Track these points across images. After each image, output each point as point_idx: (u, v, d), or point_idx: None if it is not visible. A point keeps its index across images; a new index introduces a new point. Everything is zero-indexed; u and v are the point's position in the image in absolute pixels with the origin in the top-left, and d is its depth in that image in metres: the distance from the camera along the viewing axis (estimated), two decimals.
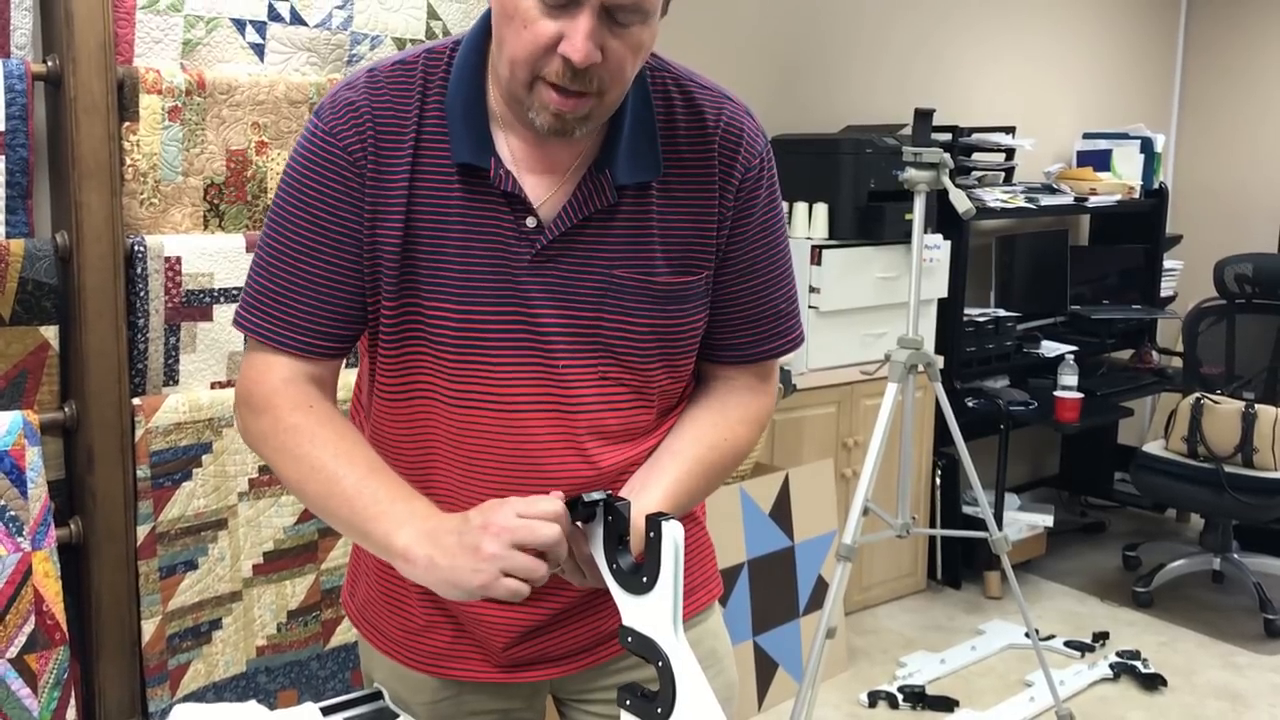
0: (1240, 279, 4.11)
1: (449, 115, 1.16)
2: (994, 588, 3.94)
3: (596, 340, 1.19)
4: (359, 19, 2.27)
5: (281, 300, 1.18)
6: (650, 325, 1.20)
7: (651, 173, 1.17)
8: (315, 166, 1.17)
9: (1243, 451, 3.73)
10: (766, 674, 3.12)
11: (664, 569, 1.03)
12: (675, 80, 1.22)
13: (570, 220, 1.16)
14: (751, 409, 1.31)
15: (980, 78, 4.43)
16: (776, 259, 1.27)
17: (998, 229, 4.38)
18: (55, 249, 1.98)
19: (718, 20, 3.57)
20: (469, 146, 1.14)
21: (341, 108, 1.16)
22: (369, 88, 1.17)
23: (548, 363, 1.18)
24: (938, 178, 2.75)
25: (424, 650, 1.33)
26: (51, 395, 2.02)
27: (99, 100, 1.96)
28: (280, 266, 1.18)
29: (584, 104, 1.08)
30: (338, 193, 1.16)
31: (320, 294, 1.18)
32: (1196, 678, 3.41)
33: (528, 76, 1.07)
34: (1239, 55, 5.08)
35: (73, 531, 2.03)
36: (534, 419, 1.19)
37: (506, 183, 1.14)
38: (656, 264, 1.19)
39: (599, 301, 1.18)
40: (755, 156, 1.23)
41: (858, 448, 3.51)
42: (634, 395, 1.23)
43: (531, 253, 1.16)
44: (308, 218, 1.17)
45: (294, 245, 1.17)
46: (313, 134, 1.18)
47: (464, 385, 1.18)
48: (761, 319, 1.28)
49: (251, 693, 2.22)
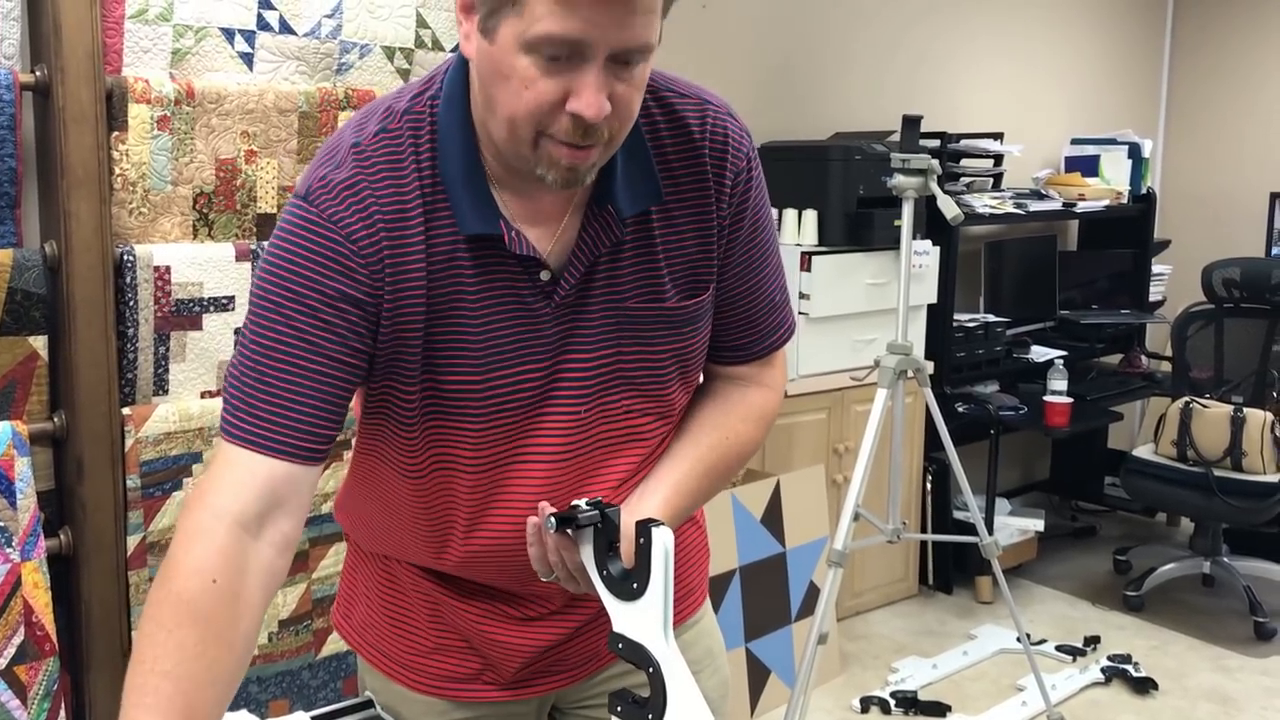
0: (1228, 283, 4.13)
1: (448, 185, 1.07)
2: (985, 592, 3.95)
3: (619, 375, 1.16)
4: (348, 28, 2.28)
5: (272, 398, 1.05)
6: (667, 350, 1.17)
7: (654, 199, 1.13)
8: (312, 257, 1.04)
9: (1232, 455, 3.75)
10: (759, 680, 3.12)
11: (654, 575, 1.03)
12: (653, 95, 1.14)
13: (583, 265, 1.11)
14: (755, 405, 1.28)
15: (969, 84, 4.45)
16: (769, 255, 1.25)
17: (987, 235, 4.39)
18: (44, 259, 1.98)
19: (707, 28, 3.58)
20: (477, 216, 1.07)
21: (339, 191, 1.05)
22: (360, 166, 1.06)
23: (572, 410, 1.15)
24: (926, 184, 2.76)
25: (432, 673, 1.31)
26: (41, 405, 2.02)
27: (88, 110, 1.96)
28: (269, 364, 1.05)
29: (595, 153, 1.02)
30: (340, 285, 1.04)
31: (312, 389, 1.05)
32: (1187, 681, 3.42)
33: (532, 136, 1.00)
34: (1225, 60, 5.11)
35: (62, 542, 2.02)
36: (552, 467, 1.16)
37: (520, 245, 1.08)
38: (665, 290, 1.15)
39: (616, 336, 1.14)
40: (742, 158, 1.19)
41: (849, 453, 3.52)
42: (656, 420, 1.21)
43: (550, 306, 1.11)
44: (304, 311, 1.04)
45: (285, 341, 1.04)
46: (305, 221, 1.05)
47: (488, 449, 1.14)
48: (759, 317, 1.26)
49: (243, 702, 2.21)
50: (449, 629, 1.29)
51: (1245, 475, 3.73)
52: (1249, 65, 5.04)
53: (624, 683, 1.31)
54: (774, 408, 1.31)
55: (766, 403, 1.30)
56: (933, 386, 2.85)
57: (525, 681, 1.31)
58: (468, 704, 1.32)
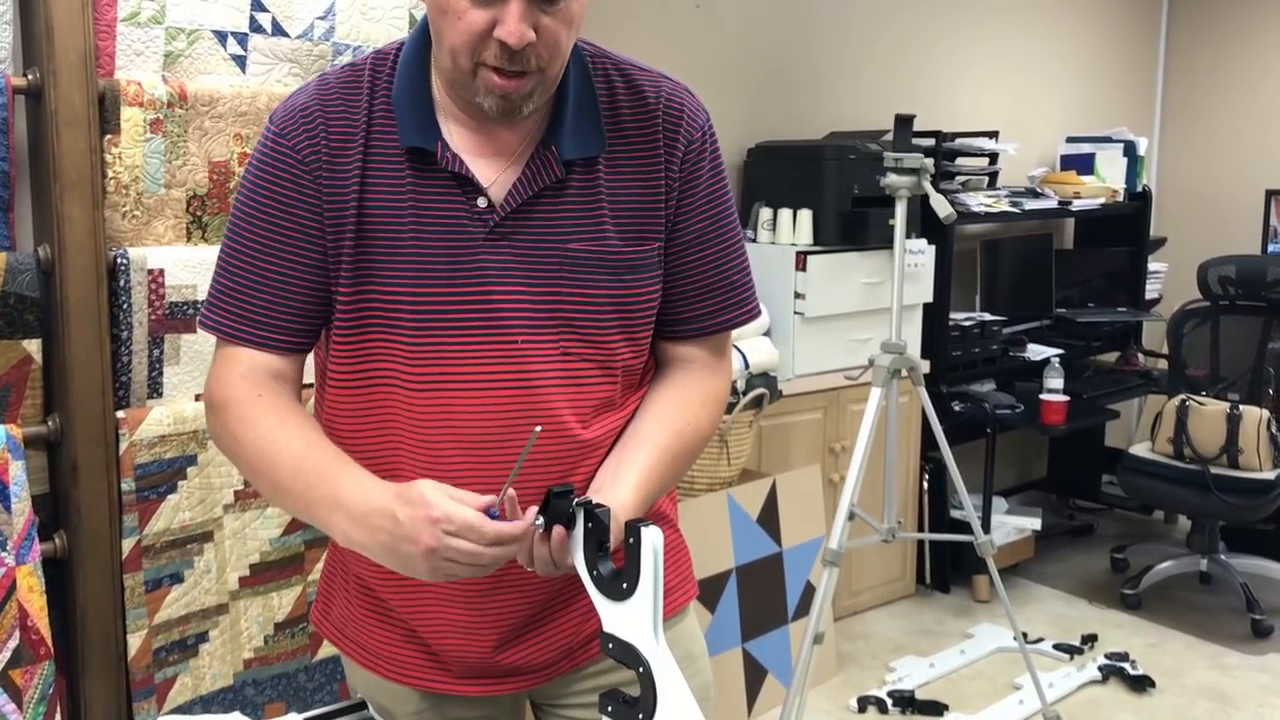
0: (1224, 281, 4.14)
1: (396, 105, 1.21)
2: (983, 591, 3.95)
3: (557, 315, 1.21)
4: (341, 29, 2.28)
5: (241, 298, 1.23)
6: (608, 296, 1.23)
7: (596, 148, 1.22)
8: (268, 168, 1.22)
9: (1228, 452, 3.75)
10: (756, 680, 3.12)
11: (643, 575, 1.04)
12: (615, 65, 1.28)
13: (520, 197, 1.20)
14: (711, 389, 1.33)
15: (963, 83, 4.45)
16: (725, 230, 1.31)
17: (982, 233, 4.40)
18: (37, 262, 1.98)
19: (701, 28, 3.58)
20: (415, 132, 1.20)
21: (294, 112, 1.22)
22: (319, 90, 1.23)
23: (506, 339, 1.20)
24: (919, 183, 2.76)
25: (406, 662, 1.33)
26: (35, 409, 2.02)
27: (80, 113, 1.96)
28: (239, 266, 1.23)
29: (527, 82, 1.14)
30: (290, 192, 1.21)
31: (277, 290, 1.22)
32: (1185, 679, 3.42)
33: (469, 64, 1.13)
34: (1220, 57, 5.12)
35: (57, 545, 2.02)
36: (496, 397, 1.20)
37: (454, 164, 1.19)
38: (608, 236, 1.23)
39: (556, 275, 1.21)
40: (697, 130, 1.28)
41: (845, 453, 3.52)
42: (597, 369, 1.25)
43: (485, 231, 1.19)
44: (263, 218, 1.22)
45: (251, 245, 1.22)
46: (265, 138, 1.23)
47: (424, 367, 1.20)
48: (714, 289, 1.31)
49: (239, 705, 2.21)
50: (422, 614, 1.30)
51: (1242, 473, 3.74)
52: (1244, 62, 5.04)
53: (605, 680, 1.32)
54: (724, 395, 1.36)
55: (721, 388, 1.35)
56: (929, 385, 2.85)
57: (501, 675, 1.31)
58: (445, 696, 1.33)
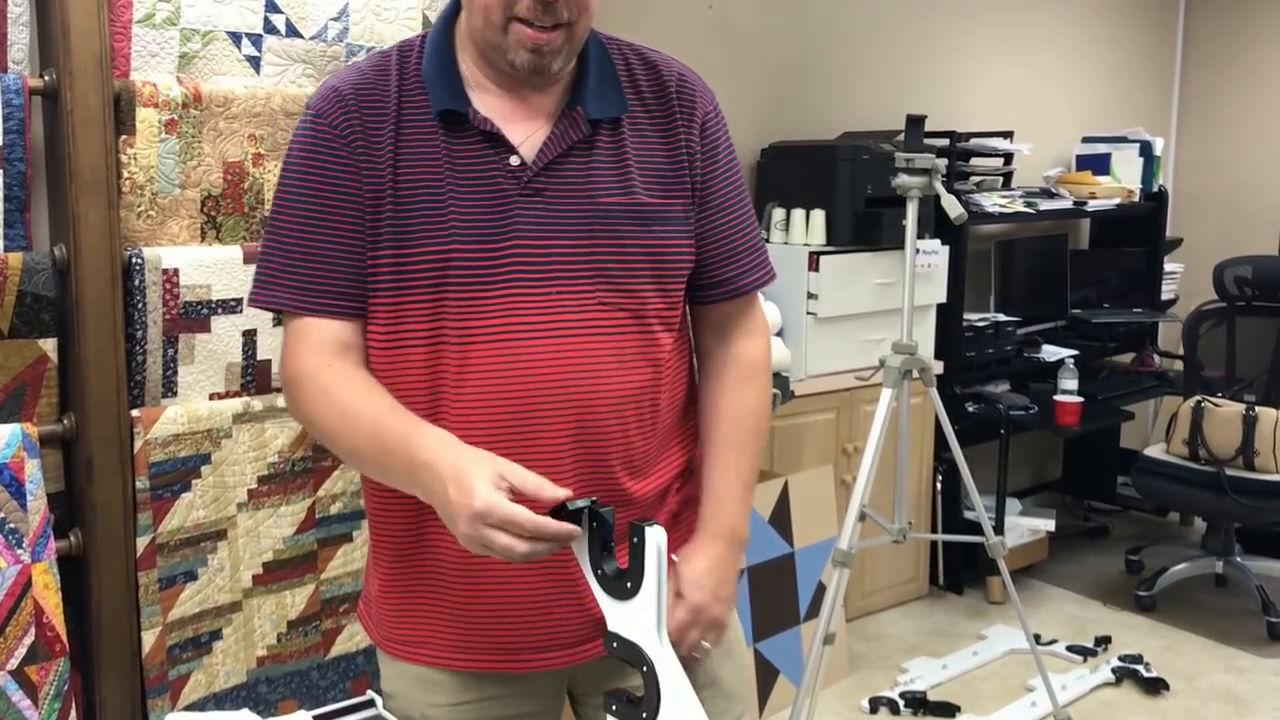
0: (1240, 281, 4.11)
1: (426, 79, 1.29)
2: (996, 593, 3.94)
3: (592, 265, 1.28)
4: (354, 30, 2.29)
5: (298, 270, 1.28)
6: (640, 246, 1.30)
7: (619, 109, 1.31)
8: (310, 147, 1.29)
9: (1244, 454, 3.73)
10: (767, 681, 3.12)
11: (647, 574, 1.04)
12: (629, 46, 1.38)
13: (551, 153, 1.27)
14: (748, 360, 1.42)
15: (978, 82, 4.44)
16: (744, 197, 1.43)
17: (997, 234, 4.38)
18: (53, 262, 2.00)
19: (715, 28, 3.58)
20: (446, 95, 1.27)
21: (328, 95, 1.30)
22: (349, 74, 1.32)
23: (542, 290, 1.26)
24: (930, 183, 2.76)
25: (448, 644, 1.35)
26: (50, 408, 2.03)
27: (96, 114, 1.97)
28: (292, 240, 1.29)
29: (557, 36, 1.23)
30: (332, 165, 1.28)
31: (329, 257, 1.28)
32: (1199, 681, 3.41)
33: (502, 20, 1.22)
34: (1238, 57, 5.09)
35: (72, 543, 2.04)
36: (533, 348, 1.26)
37: (486, 124, 1.26)
38: (635, 189, 1.30)
39: (589, 228, 1.28)
40: (710, 104, 1.39)
41: (857, 453, 3.51)
42: (630, 318, 1.31)
43: (519, 187, 1.26)
44: (311, 191, 1.28)
45: (301, 217, 1.29)
46: (304, 122, 1.31)
47: (464, 322, 1.26)
48: (741, 252, 1.41)
49: (252, 702, 2.23)
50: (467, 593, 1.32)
51: (1258, 474, 3.71)
52: (1261, 62, 5.01)
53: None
54: (765, 353, 1.45)
55: (758, 351, 1.44)
56: (943, 386, 2.85)
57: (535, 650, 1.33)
58: (480, 676, 1.35)
